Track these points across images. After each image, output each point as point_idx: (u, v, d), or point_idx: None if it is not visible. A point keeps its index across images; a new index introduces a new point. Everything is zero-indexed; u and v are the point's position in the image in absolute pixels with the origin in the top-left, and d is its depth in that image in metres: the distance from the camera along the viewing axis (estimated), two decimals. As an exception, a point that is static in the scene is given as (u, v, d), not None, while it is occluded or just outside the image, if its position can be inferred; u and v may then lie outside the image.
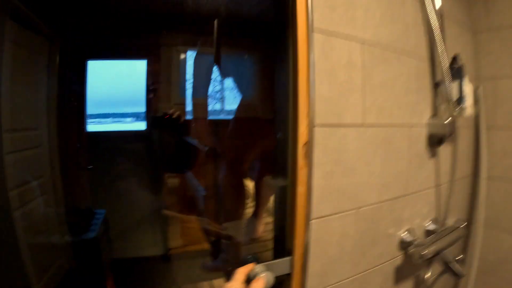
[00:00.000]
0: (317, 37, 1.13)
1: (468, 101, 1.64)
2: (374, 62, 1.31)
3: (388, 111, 1.37)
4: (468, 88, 1.64)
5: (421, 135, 1.55)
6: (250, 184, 1.67)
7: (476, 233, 1.95)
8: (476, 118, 1.92)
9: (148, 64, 2.01)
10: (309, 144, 1.13)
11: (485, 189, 1.92)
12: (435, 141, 1.56)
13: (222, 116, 1.97)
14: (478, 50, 1.90)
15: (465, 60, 1.80)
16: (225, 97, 2.02)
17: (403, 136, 1.45)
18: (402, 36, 1.44)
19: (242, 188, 1.66)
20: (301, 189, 1.15)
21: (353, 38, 1.24)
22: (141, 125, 2.86)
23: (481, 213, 1.93)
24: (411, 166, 1.51)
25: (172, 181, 2.96)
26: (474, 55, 1.91)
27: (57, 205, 2.11)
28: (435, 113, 1.59)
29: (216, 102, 2.04)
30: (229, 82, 1.86)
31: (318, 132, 1.15)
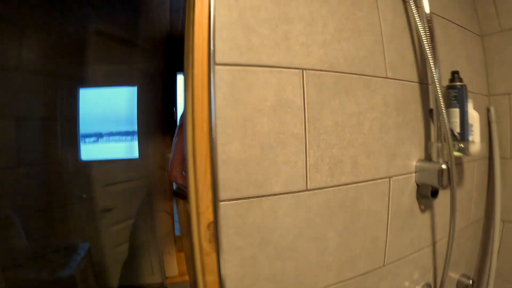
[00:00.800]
0: (221, 73, 0.73)
1: (475, 133, 1.18)
2: (325, 96, 0.89)
3: (351, 163, 0.94)
4: (474, 115, 1.18)
5: (406, 187, 1.10)
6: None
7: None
8: (488, 147, 1.45)
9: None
10: (214, 224, 0.75)
11: (498, 234, 1.45)
12: (427, 193, 1.11)
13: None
14: (488, 59, 1.41)
15: (470, 75, 1.33)
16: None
17: (376, 193, 1.01)
18: (373, 52, 1.00)
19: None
20: (210, 279, 0.78)
21: (287, 67, 0.82)
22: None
23: (493, 264, 1.46)
24: (392, 229, 1.08)
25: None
26: (483, 66, 1.43)
27: (38, 239, 1.93)
28: (427, 154, 1.14)
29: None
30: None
31: (226, 208, 0.76)
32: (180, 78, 2.96)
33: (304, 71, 0.85)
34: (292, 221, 0.84)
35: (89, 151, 3.19)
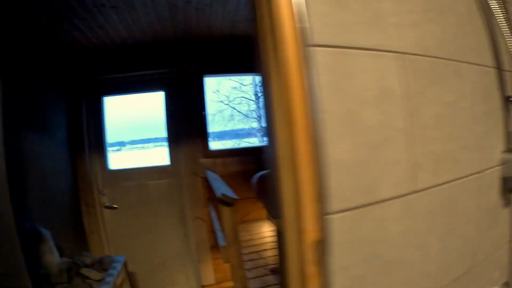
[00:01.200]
0: (319, 56, 0.61)
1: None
2: (423, 84, 0.77)
3: (450, 158, 0.83)
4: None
5: (493, 181, 0.99)
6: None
7: None
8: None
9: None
10: (323, 243, 0.62)
11: None
12: (511, 186, 1.00)
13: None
14: None
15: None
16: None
17: (471, 190, 0.90)
18: (457, 34, 0.89)
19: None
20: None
21: (385, 50, 0.71)
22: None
23: None
24: (481, 229, 0.96)
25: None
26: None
27: (71, 253, 1.84)
28: (509, 146, 1.03)
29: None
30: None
31: (335, 222, 0.63)
32: (209, 81, 2.89)
33: (402, 55, 0.73)
34: (400, 229, 0.72)
35: (119, 159, 3.14)
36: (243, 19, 2.45)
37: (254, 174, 2.94)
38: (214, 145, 4.35)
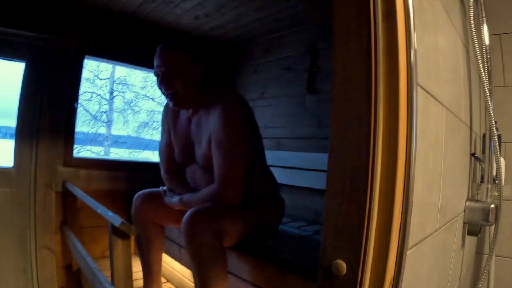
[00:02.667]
0: (419, 97, 0.84)
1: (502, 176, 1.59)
2: (448, 135, 1.10)
3: (449, 203, 1.18)
4: (501, 160, 1.58)
5: (460, 225, 1.41)
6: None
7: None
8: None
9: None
10: (396, 279, 0.82)
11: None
12: (476, 230, 1.45)
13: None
14: None
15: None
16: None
17: (452, 232, 1.28)
18: (460, 94, 1.28)
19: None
20: None
21: (439, 101, 1.00)
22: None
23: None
24: (456, 266, 1.36)
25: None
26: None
27: None
28: (471, 195, 1.48)
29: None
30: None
31: (409, 257, 0.84)
32: (90, 63, 2.66)
33: (443, 107, 1.04)
34: (427, 265, 1.00)
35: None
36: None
37: (124, 195, 2.92)
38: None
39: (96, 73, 5.35)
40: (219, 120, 1.67)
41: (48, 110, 2.66)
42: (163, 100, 9.95)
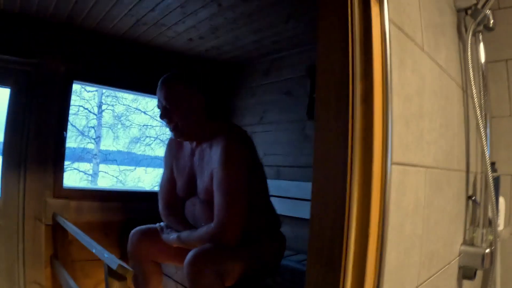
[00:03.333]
0: (394, 173, 1.01)
1: (501, 217, 1.75)
2: (432, 193, 1.27)
3: (436, 255, 1.35)
4: (501, 201, 1.75)
5: (455, 270, 1.57)
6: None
7: None
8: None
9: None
10: None
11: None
12: (471, 275, 1.61)
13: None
14: (494, 140, 2.02)
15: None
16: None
17: (444, 279, 1.45)
18: (452, 145, 1.45)
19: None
20: None
21: (421, 165, 1.18)
22: None
23: None
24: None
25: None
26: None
27: None
28: (466, 239, 1.65)
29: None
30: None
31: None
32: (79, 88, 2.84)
33: (426, 169, 1.21)
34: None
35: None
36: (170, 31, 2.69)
37: (117, 226, 3.06)
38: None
39: (83, 85, 5.51)
40: (220, 158, 1.86)
41: (36, 138, 2.79)
42: (156, 113, 10.11)
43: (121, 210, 3.17)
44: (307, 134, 2.95)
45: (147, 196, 3.34)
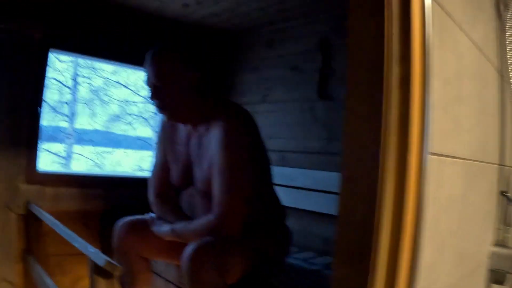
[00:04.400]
0: (431, 164, 1.04)
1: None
2: (468, 187, 1.31)
3: (466, 254, 1.40)
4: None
5: (483, 273, 1.62)
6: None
7: None
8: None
9: None
10: None
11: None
12: (502, 279, 1.65)
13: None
14: None
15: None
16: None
17: (472, 283, 1.49)
18: (488, 135, 1.49)
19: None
20: None
21: (457, 157, 1.21)
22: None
23: None
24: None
25: None
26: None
27: None
28: (499, 238, 1.69)
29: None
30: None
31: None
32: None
33: (463, 161, 1.24)
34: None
35: None
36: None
37: (98, 216, 3.07)
38: None
39: (56, 54, 5.46)
40: (220, 142, 1.85)
41: (7, 115, 2.78)
42: (138, 88, 9.95)
43: (103, 198, 3.19)
44: (316, 116, 2.97)
45: (133, 183, 3.36)
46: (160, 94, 1.94)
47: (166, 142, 2.25)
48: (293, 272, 2.24)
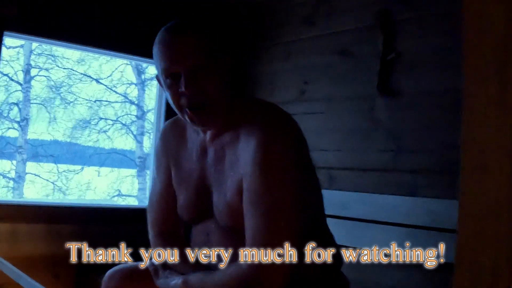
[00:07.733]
0: None
1: None
2: None
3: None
4: None
5: None
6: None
7: None
8: None
9: None
10: None
11: None
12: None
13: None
14: None
15: None
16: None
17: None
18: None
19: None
20: None
21: None
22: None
23: None
24: None
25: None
26: None
27: None
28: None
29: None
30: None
31: None
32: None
33: None
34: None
35: None
36: None
37: (76, 265, 3.05)
38: None
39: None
40: (255, 158, 1.73)
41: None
42: (114, 83, 9.69)
43: (79, 236, 3.15)
44: (377, 118, 2.91)
45: (123, 215, 3.35)
46: (194, 82, 1.75)
47: (170, 158, 2.16)
48: None
